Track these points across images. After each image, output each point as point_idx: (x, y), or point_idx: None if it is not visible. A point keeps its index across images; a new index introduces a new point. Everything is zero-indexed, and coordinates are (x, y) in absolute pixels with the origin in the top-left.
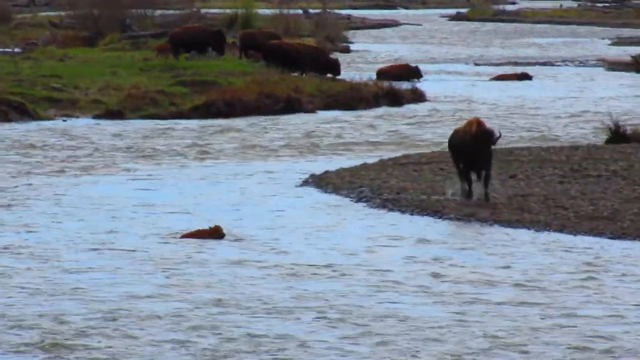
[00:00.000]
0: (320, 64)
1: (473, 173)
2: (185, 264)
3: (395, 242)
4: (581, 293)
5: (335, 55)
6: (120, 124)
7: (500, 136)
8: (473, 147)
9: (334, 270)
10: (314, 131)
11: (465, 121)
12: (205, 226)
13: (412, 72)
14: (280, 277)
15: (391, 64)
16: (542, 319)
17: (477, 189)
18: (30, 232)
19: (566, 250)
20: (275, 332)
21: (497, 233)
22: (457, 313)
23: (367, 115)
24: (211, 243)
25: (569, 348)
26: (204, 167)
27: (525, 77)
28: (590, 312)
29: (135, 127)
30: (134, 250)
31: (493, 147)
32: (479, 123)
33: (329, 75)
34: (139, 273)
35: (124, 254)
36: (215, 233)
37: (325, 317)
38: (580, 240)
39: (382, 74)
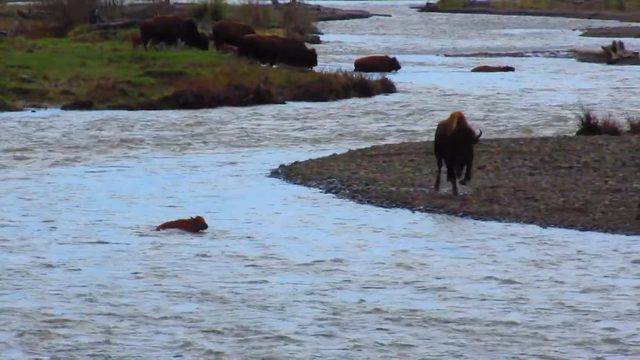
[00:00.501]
0: (296, 55)
1: (452, 167)
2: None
3: (370, 235)
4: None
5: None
6: (89, 115)
7: (480, 135)
8: (452, 142)
9: (315, 265)
10: (282, 122)
11: (448, 115)
12: (182, 217)
13: (390, 64)
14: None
15: (362, 55)
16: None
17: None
18: (5, 225)
19: (538, 243)
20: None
21: (467, 225)
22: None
23: (337, 106)
24: (191, 235)
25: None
26: (173, 159)
27: (508, 69)
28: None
29: (103, 118)
30: (115, 243)
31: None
32: (460, 119)
33: (305, 66)
34: (120, 265)
35: (104, 247)
36: (197, 224)
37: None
38: (550, 233)
39: (360, 66)
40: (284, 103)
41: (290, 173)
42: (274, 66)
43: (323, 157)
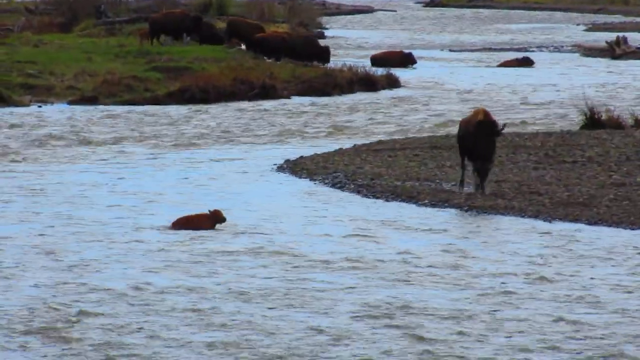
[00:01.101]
0: (310, 52)
1: (472, 163)
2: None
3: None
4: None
5: None
6: (95, 110)
7: (503, 128)
8: (475, 135)
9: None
10: (288, 117)
11: (471, 111)
12: (194, 212)
13: (406, 58)
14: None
15: (367, 50)
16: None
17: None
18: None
19: (542, 235)
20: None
21: (472, 218)
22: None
23: (342, 101)
24: (210, 230)
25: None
26: (178, 154)
27: (528, 62)
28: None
29: (110, 113)
30: (137, 241)
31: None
32: (485, 112)
33: (319, 62)
34: (143, 261)
35: (125, 244)
36: (216, 218)
37: (360, 311)
38: (555, 226)
39: (376, 60)
40: (289, 98)
41: (295, 168)
42: (279, 62)
43: (328, 152)
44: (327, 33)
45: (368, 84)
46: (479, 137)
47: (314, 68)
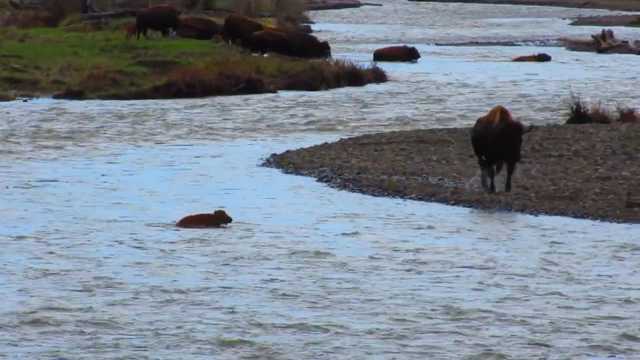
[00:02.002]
0: (309, 47)
1: (496, 164)
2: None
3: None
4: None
5: None
6: (80, 105)
7: (530, 129)
8: (499, 140)
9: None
10: (274, 111)
11: (488, 111)
12: (192, 211)
13: (409, 53)
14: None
15: (353, 44)
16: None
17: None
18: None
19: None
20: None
21: (460, 213)
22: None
23: (328, 95)
24: (215, 229)
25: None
26: (164, 150)
27: (544, 58)
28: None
29: (95, 108)
30: (139, 239)
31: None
32: (502, 112)
33: (319, 57)
34: (146, 261)
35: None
36: (220, 218)
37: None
38: (541, 220)
39: (379, 55)
40: (276, 92)
41: (282, 162)
42: (265, 55)
43: (315, 146)
44: (313, 27)
45: (354, 78)
46: (504, 140)
47: (301, 62)
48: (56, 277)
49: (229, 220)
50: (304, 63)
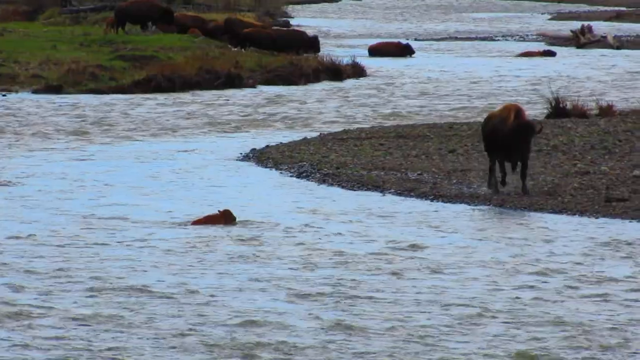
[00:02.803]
0: (299, 43)
1: (507, 163)
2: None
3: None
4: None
5: None
6: (59, 99)
7: (541, 128)
8: (511, 138)
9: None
10: (254, 106)
11: (499, 107)
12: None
13: (404, 49)
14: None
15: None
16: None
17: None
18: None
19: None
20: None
21: (440, 209)
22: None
23: (308, 90)
24: (228, 228)
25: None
26: (142, 144)
27: (549, 54)
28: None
29: (74, 102)
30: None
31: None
32: (517, 111)
33: (309, 53)
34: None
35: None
36: (228, 218)
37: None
38: (520, 215)
39: (374, 51)
40: (255, 87)
41: (261, 157)
42: (244, 50)
43: (294, 141)
44: (292, 22)
45: (334, 73)
46: (515, 138)
47: (280, 57)
48: (60, 277)
49: (234, 219)
50: (283, 58)
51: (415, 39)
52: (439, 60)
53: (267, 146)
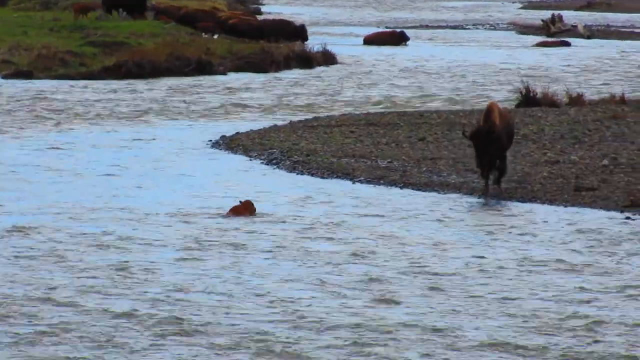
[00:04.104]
0: (287, 32)
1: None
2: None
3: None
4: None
5: None
6: (28, 84)
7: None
8: (484, 138)
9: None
10: (224, 93)
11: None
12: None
13: (398, 38)
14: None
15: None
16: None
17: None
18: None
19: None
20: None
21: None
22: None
23: (278, 77)
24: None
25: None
26: (108, 133)
27: (565, 44)
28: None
29: (42, 88)
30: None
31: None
32: (487, 113)
33: (297, 41)
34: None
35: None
36: (251, 208)
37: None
38: (489, 203)
39: (369, 41)
40: (226, 74)
41: (231, 144)
42: (215, 37)
43: (264, 128)
44: (263, 9)
45: (304, 60)
46: (483, 141)
47: (251, 44)
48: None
49: (255, 210)
50: (254, 45)
51: (387, 27)
52: (432, 50)
53: (237, 133)
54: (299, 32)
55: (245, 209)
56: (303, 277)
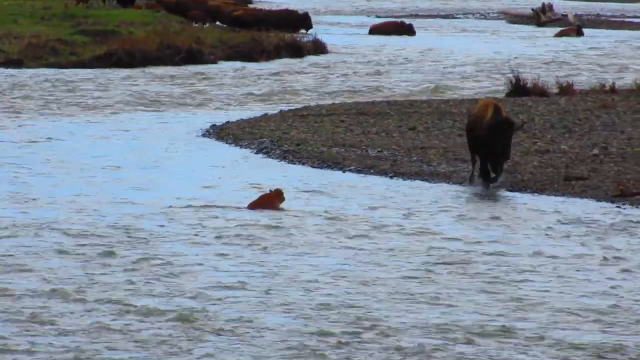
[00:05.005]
0: (291, 21)
1: (485, 161)
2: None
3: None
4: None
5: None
6: (19, 73)
7: (522, 126)
8: (487, 135)
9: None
10: (214, 82)
11: (478, 103)
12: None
13: (405, 29)
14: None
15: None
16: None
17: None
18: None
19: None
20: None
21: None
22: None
23: (268, 66)
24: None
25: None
26: (98, 122)
27: (580, 33)
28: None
29: (32, 77)
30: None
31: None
32: (495, 108)
33: (302, 29)
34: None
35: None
36: (281, 197)
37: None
38: (480, 193)
39: (375, 30)
40: (216, 63)
41: (221, 133)
42: (206, 25)
43: (254, 117)
44: None
45: (294, 49)
46: (494, 137)
47: (241, 33)
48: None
49: (284, 199)
50: (244, 34)
51: (377, 16)
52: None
53: (228, 122)
54: (303, 21)
55: (274, 197)
56: (346, 272)
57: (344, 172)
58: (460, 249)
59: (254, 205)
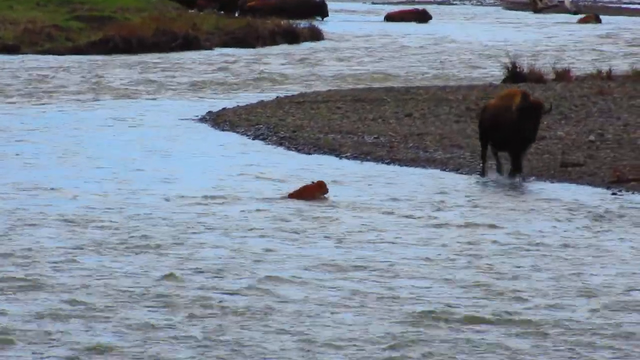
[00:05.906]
0: (307, 9)
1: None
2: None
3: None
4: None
5: None
6: (15, 59)
7: (550, 109)
8: (518, 120)
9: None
10: (211, 68)
11: (499, 94)
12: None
13: (421, 16)
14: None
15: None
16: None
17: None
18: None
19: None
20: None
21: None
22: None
23: (264, 52)
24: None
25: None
26: (98, 107)
27: (598, 20)
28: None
29: (27, 63)
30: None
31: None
32: (523, 94)
33: (317, 17)
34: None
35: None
36: (323, 188)
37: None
38: (476, 180)
39: (391, 18)
40: (212, 49)
41: (217, 120)
42: (202, 12)
43: (251, 104)
44: None
45: (290, 36)
46: (524, 120)
47: (237, 19)
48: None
49: (327, 191)
50: (240, 20)
51: (373, 3)
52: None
53: (224, 109)
54: (319, 8)
55: (318, 188)
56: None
57: (340, 158)
58: (451, 232)
59: (295, 196)
